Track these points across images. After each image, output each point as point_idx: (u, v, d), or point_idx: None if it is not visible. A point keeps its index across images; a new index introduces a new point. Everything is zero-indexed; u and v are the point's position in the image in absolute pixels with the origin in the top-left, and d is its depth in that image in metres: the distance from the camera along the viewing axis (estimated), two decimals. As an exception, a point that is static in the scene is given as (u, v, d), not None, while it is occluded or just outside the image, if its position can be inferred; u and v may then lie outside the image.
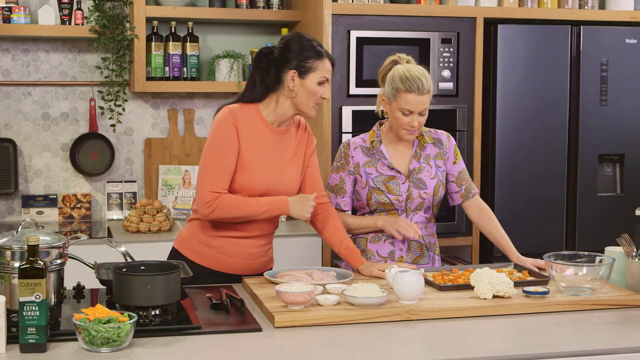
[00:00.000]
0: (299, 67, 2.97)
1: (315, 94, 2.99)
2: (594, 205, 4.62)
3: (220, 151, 2.96)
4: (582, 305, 2.66)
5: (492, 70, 4.49)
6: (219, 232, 3.06)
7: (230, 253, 3.07)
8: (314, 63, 2.98)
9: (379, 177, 3.23)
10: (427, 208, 3.25)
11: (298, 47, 2.99)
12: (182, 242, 3.14)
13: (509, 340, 2.37)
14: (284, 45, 3.02)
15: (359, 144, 3.29)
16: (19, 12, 4.34)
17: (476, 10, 4.47)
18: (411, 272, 2.61)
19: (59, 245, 2.47)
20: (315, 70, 2.98)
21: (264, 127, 3.03)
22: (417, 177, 3.22)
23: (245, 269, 3.09)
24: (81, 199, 4.64)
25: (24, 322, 2.17)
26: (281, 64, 3.00)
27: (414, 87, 3.09)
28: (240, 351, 2.23)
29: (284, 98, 3.02)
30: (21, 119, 4.59)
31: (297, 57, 2.98)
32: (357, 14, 4.30)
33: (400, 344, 2.32)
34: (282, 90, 3.01)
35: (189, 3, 4.56)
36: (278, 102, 3.03)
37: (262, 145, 3.02)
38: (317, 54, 2.99)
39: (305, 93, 2.98)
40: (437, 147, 3.29)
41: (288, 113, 3.04)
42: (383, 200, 3.22)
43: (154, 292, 2.41)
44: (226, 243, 3.06)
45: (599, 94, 4.59)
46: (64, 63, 4.62)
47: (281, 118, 3.05)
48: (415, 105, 3.10)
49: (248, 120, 3.00)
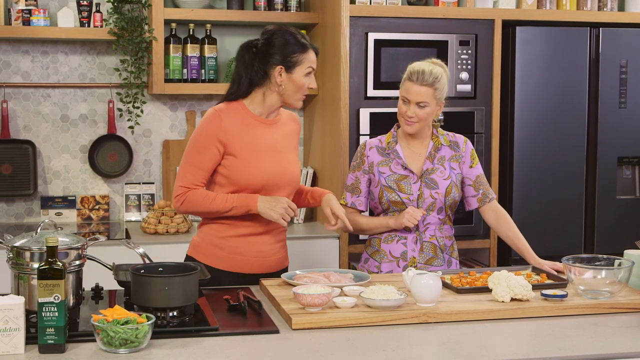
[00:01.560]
0: (285, 62, 3.03)
1: (302, 87, 3.06)
2: (613, 208, 4.60)
3: (196, 150, 3.05)
4: (601, 309, 2.64)
5: (510, 73, 4.47)
6: (229, 232, 3.08)
7: (243, 253, 3.09)
8: (299, 56, 3.04)
9: (392, 175, 3.26)
10: (439, 209, 3.24)
11: (282, 42, 3.04)
12: (195, 248, 3.17)
13: (526, 344, 2.36)
14: (267, 41, 3.07)
15: (375, 145, 3.33)
16: (39, 14, 4.37)
17: (494, 12, 4.45)
18: (429, 275, 2.61)
19: (77, 246, 2.49)
20: (301, 63, 3.04)
21: (253, 120, 3.08)
22: (429, 177, 3.23)
23: (259, 268, 3.11)
24: (99, 201, 4.66)
25: (42, 322, 2.18)
26: (266, 59, 3.05)
27: (414, 77, 3.18)
28: (257, 353, 2.24)
29: (270, 92, 3.08)
30: (40, 121, 4.62)
31: (282, 52, 3.03)
32: (375, 16, 4.30)
33: (417, 346, 2.32)
34: (269, 84, 3.07)
35: (207, 5, 4.57)
36: (265, 96, 3.09)
37: (255, 138, 3.06)
38: (301, 47, 3.04)
39: (293, 86, 3.05)
40: (453, 150, 3.29)
41: (275, 105, 3.11)
42: (394, 199, 3.23)
43: (171, 293, 2.42)
44: (238, 243, 3.08)
45: (618, 96, 4.57)
46: (83, 65, 4.65)
47: (269, 110, 3.11)
48: (413, 95, 3.17)
49: (236, 117, 3.06)
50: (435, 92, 3.17)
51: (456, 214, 3.44)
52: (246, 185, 3.03)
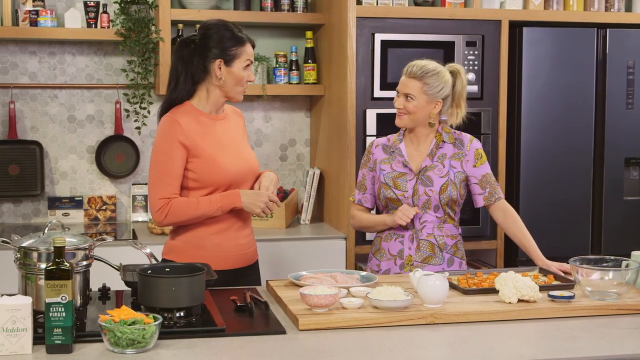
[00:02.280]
0: (223, 55, 3.06)
1: (242, 79, 3.09)
2: (620, 209, 4.59)
3: (164, 159, 3.03)
4: (608, 310, 2.64)
5: (517, 73, 4.47)
6: (209, 230, 3.09)
7: (225, 249, 3.11)
8: (237, 50, 3.07)
9: (391, 173, 3.29)
10: (435, 207, 3.25)
11: (219, 36, 3.07)
12: (174, 251, 3.13)
13: (534, 345, 2.35)
14: (204, 35, 3.09)
15: (382, 143, 3.38)
16: (46, 15, 4.38)
17: (501, 13, 4.45)
18: (436, 276, 2.60)
19: (84, 247, 2.49)
20: (240, 56, 3.08)
21: (206, 118, 3.11)
22: (425, 174, 3.24)
23: (238, 262, 3.14)
24: (106, 201, 4.67)
25: (50, 323, 2.18)
26: (205, 53, 3.07)
27: (405, 69, 3.26)
28: (264, 353, 2.24)
29: (213, 87, 3.10)
30: (47, 122, 4.62)
31: (221, 45, 3.06)
32: (382, 17, 4.30)
33: (424, 347, 2.31)
34: (210, 79, 3.09)
35: (214, 6, 4.58)
36: (209, 92, 3.11)
37: (213, 136, 3.09)
38: (238, 40, 3.08)
39: (232, 79, 3.08)
40: (457, 148, 3.29)
41: (220, 100, 3.14)
42: (390, 196, 3.26)
43: (178, 294, 2.42)
44: (220, 239, 3.10)
45: (626, 97, 4.56)
46: (90, 66, 4.65)
47: (215, 106, 3.14)
48: (401, 86, 3.26)
49: (191, 119, 3.07)
50: (424, 87, 3.20)
51: (462, 214, 3.43)
52: (217, 184, 3.05)
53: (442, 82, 3.22)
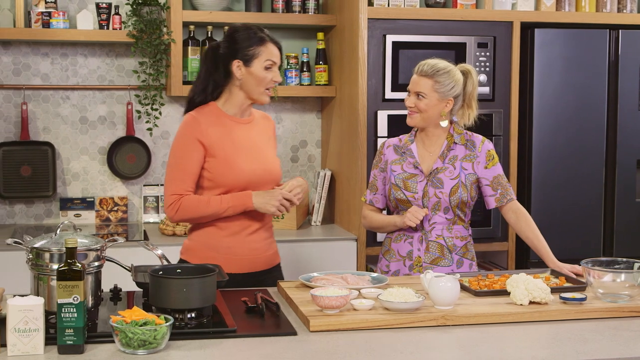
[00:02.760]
0: (242, 56, 3.06)
1: (263, 80, 3.07)
2: (632, 211, 4.57)
3: (180, 155, 3.05)
4: (620, 312, 2.63)
5: (528, 75, 4.46)
6: (222, 232, 3.09)
7: (237, 252, 3.10)
8: (256, 49, 3.06)
9: (401, 174, 3.28)
10: (445, 209, 3.24)
11: (239, 36, 3.08)
12: (189, 251, 3.17)
13: (545, 347, 2.35)
14: (227, 38, 3.11)
15: (393, 143, 3.37)
16: (58, 17, 4.40)
17: (513, 15, 4.44)
18: (447, 277, 2.60)
19: (96, 247, 2.50)
20: (259, 56, 3.06)
21: (230, 120, 3.11)
22: (436, 176, 3.24)
23: (252, 266, 3.13)
24: (118, 202, 4.68)
25: (62, 323, 2.19)
26: (227, 56, 3.08)
27: (416, 68, 3.26)
28: (275, 355, 2.24)
29: (236, 89, 3.11)
30: (59, 123, 4.64)
31: (240, 46, 3.06)
32: (393, 18, 4.30)
33: (435, 349, 2.31)
34: (233, 81, 3.09)
35: (226, 8, 4.58)
36: (232, 94, 3.12)
37: (234, 138, 3.08)
38: (259, 40, 3.07)
39: (253, 80, 3.07)
40: (468, 149, 3.29)
41: (244, 102, 3.13)
42: (400, 197, 3.25)
43: (190, 295, 2.42)
44: (232, 242, 3.10)
45: (638, 98, 4.54)
46: (102, 67, 4.67)
47: (240, 108, 3.14)
48: (412, 84, 3.26)
49: (212, 120, 3.08)
50: (435, 85, 3.20)
51: (473, 216, 3.43)
52: (231, 185, 3.05)
53: (453, 81, 3.22)
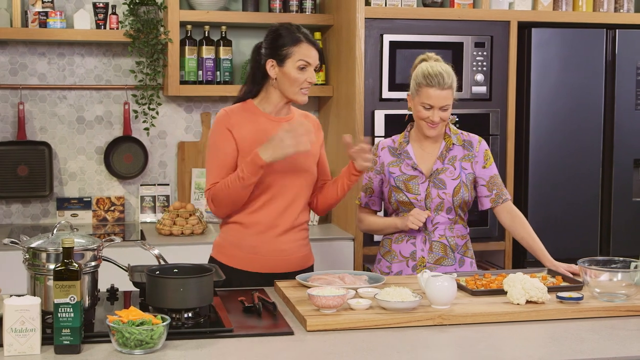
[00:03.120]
0: (276, 55, 3.06)
1: (296, 80, 3.05)
2: (629, 210, 4.57)
3: (213, 149, 3.08)
4: (617, 312, 2.63)
5: (525, 74, 4.46)
6: (247, 231, 3.09)
7: (262, 252, 3.09)
8: (289, 49, 3.05)
9: (401, 176, 3.26)
10: (448, 209, 3.24)
11: (275, 36, 3.08)
12: (217, 248, 3.20)
13: (542, 346, 2.35)
14: (266, 38, 3.12)
15: (387, 145, 3.35)
16: (55, 16, 4.39)
17: (510, 14, 4.44)
18: (444, 277, 2.60)
19: (93, 247, 2.50)
20: (291, 56, 3.05)
21: (264, 118, 3.11)
22: (438, 177, 3.23)
23: (280, 267, 3.11)
24: (115, 202, 4.68)
25: (58, 323, 2.19)
26: (264, 56, 3.09)
27: (434, 82, 3.14)
28: (272, 354, 2.24)
29: (272, 88, 3.11)
30: (56, 123, 4.64)
31: (273, 45, 3.07)
32: (390, 17, 4.30)
33: (432, 348, 2.31)
34: (270, 80, 3.10)
35: (223, 7, 4.58)
36: (268, 93, 3.13)
37: (264, 135, 3.05)
38: (293, 40, 3.06)
39: (286, 80, 3.06)
40: (466, 150, 3.28)
41: (280, 101, 3.13)
42: (402, 199, 3.24)
43: (186, 294, 2.42)
44: (257, 242, 3.09)
45: (635, 98, 4.54)
46: (99, 67, 4.66)
47: (276, 107, 3.14)
48: (436, 100, 3.14)
49: (245, 116, 3.10)
50: (452, 92, 3.18)
51: (470, 216, 3.43)
52: (260, 182, 3.02)
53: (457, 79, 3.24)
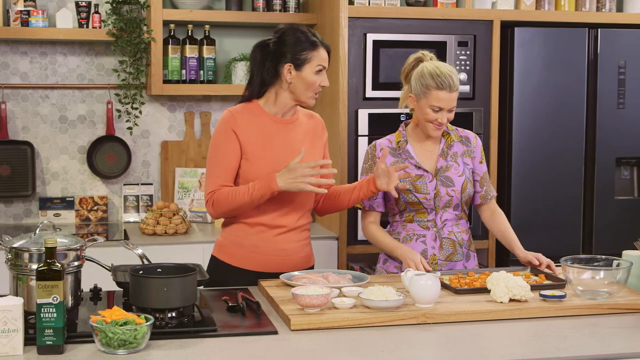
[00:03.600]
0: (294, 59, 3.01)
1: (313, 84, 3.04)
2: (611, 208, 4.60)
3: (216, 150, 3.04)
4: (599, 309, 2.65)
5: (508, 73, 4.48)
6: (250, 230, 3.08)
7: (263, 251, 3.08)
8: (308, 54, 3.01)
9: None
10: (456, 205, 3.24)
11: (292, 39, 3.02)
12: (218, 247, 3.18)
13: (525, 344, 2.36)
14: (278, 39, 3.06)
15: (386, 145, 3.30)
16: (37, 15, 4.37)
17: (493, 13, 4.46)
18: (427, 276, 2.61)
19: (76, 247, 2.49)
20: (310, 60, 3.02)
21: (268, 120, 3.07)
22: (444, 175, 3.23)
23: (281, 267, 3.09)
24: (98, 202, 4.66)
25: (41, 323, 2.18)
26: (277, 57, 3.04)
27: (445, 84, 3.11)
28: (256, 354, 2.24)
29: (282, 90, 3.06)
30: (39, 122, 4.62)
31: (292, 49, 3.02)
32: (374, 17, 4.30)
33: (416, 347, 2.32)
34: (281, 83, 3.05)
35: (206, 6, 4.57)
36: (277, 95, 3.08)
37: (269, 138, 3.05)
38: (311, 44, 3.02)
39: (303, 84, 3.03)
40: (465, 145, 3.29)
41: (289, 104, 3.09)
42: (411, 200, 3.22)
43: (170, 294, 2.42)
44: (258, 241, 3.08)
45: (617, 97, 4.57)
46: (82, 66, 4.65)
47: (283, 109, 3.10)
48: (446, 102, 3.13)
49: (250, 117, 3.05)
50: (457, 93, 3.18)
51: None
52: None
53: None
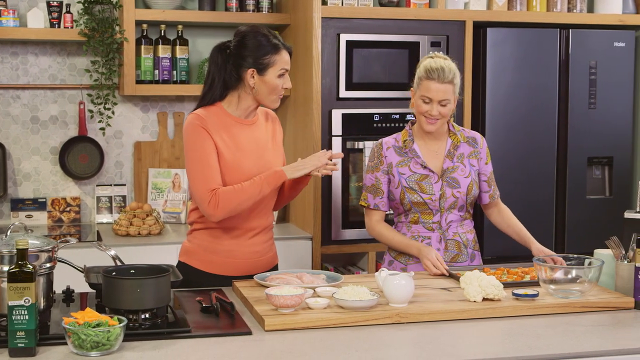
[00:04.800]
0: (256, 64, 3.00)
1: (276, 88, 3.03)
2: (583, 208, 4.64)
3: (199, 153, 2.98)
4: (572, 308, 2.67)
5: (481, 74, 4.50)
6: (223, 235, 3.06)
7: (237, 255, 3.08)
8: (271, 58, 3.00)
9: (412, 176, 3.24)
10: (461, 207, 3.25)
11: (254, 43, 3.00)
12: (188, 254, 3.14)
13: (498, 343, 2.37)
14: (239, 42, 3.03)
15: (392, 144, 3.30)
16: (8, 15, 4.33)
17: (465, 14, 4.48)
18: (401, 275, 2.61)
19: (48, 249, 2.47)
20: (273, 65, 3.01)
21: (233, 122, 3.06)
22: (450, 176, 3.23)
23: (253, 269, 3.09)
24: (70, 203, 4.63)
25: (13, 326, 2.16)
26: (239, 62, 3.02)
27: (434, 75, 3.14)
28: (230, 354, 2.23)
29: (245, 94, 3.05)
30: (10, 122, 4.58)
31: (254, 54, 3.00)
32: (347, 17, 4.31)
33: (390, 346, 2.32)
34: (244, 87, 3.04)
35: (179, 6, 4.55)
36: (240, 98, 3.07)
37: (237, 140, 3.04)
38: (273, 47, 3.01)
39: (266, 88, 3.02)
40: (471, 146, 3.30)
41: (251, 106, 3.09)
42: (416, 200, 3.22)
43: (143, 295, 2.40)
44: (233, 246, 3.07)
45: (588, 97, 4.61)
46: (53, 66, 4.61)
47: (246, 111, 3.09)
48: (435, 93, 3.14)
49: (216, 121, 3.03)
50: (454, 88, 3.18)
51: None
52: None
53: (460, 77, 3.24)
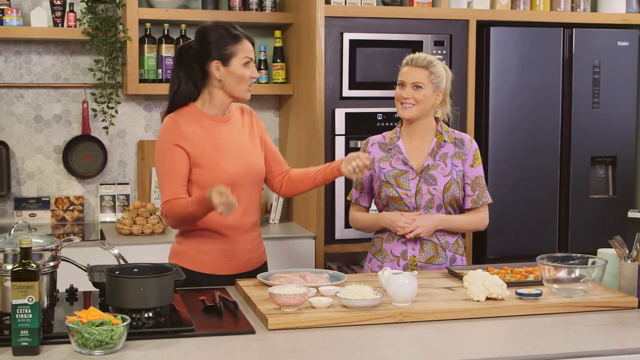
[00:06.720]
0: (220, 56, 3.02)
1: (243, 77, 3.04)
2: (586, 207, 4.63)
3: (163, 160, 3.01)
4: (575, 307, 2.66)
5: (484, 73, 4.50)
6: (213, 234, 3.07)
7: (230, 254, 3.09)
8: (233, 47, 3.02)
9: (391, 171, 3.27)
10: (438, 206, 3.25)
11: (215, 36, 3.03)
12: (178, 255, 3.14)
13: (502, 342, 2.37)
14: (201, 38, 3.06)
15: (378, 141, 3.36)
16: (11, 14, 4.33)
17: (469, 13, 4.47)
18: (404, 275, 2.61)
19: (51, 247, 2.47)
20: (236, 54, 3.03)
21: (209, 120, 3.07)
22: (428, 173, 3.24)
23: (244, 266, 3.11)
24: (74, 202, 4.63)
25: (16, 324, 2.16)
26: (203, 57, 3.04)
27: (409, 60, 3.26)
28: (233, 353, 2.23)
29: (215, 89, 3.06)
30: (14, 121, 4.58)
31: (216, 46, 3.02)
32: (350, 16, 4.31)
33: (393, 346, 2.32)
34: (212, 81, 3.05)
35: (182, 5, 4.56)
36: (211, 95, 3.08)
37: (216, 139, 3.05)
38: (234, 37, 3.03)
39: (233, 79, 3.03)
40: (457, 147, 3.30)
41: (225, 102, 3.09)
42: (392, 194, 3.24)
43: (147, 294, 2.41)
44: (225, 245, 3.08)
45: (592, 96, 4.60)
46: (57, 65, 4.61)
47: (221, 108, 3.10)
48: (406, 76, 3.23)
49: (192, 121, 3.04)
50: (430, 75, 3.21)
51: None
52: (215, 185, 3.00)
53: (444, 72, 3.27)
